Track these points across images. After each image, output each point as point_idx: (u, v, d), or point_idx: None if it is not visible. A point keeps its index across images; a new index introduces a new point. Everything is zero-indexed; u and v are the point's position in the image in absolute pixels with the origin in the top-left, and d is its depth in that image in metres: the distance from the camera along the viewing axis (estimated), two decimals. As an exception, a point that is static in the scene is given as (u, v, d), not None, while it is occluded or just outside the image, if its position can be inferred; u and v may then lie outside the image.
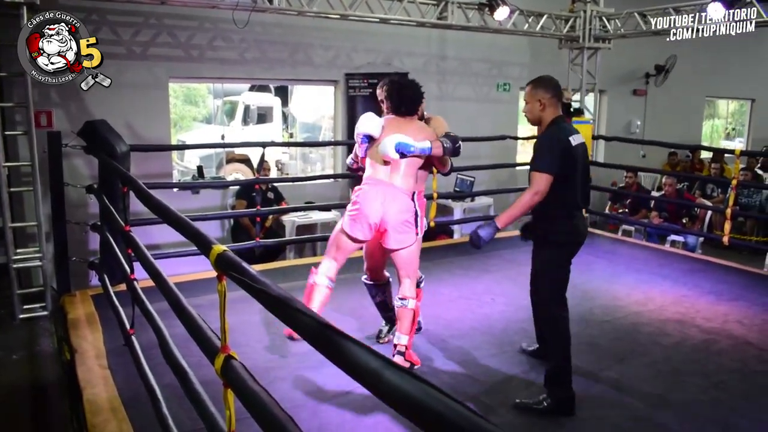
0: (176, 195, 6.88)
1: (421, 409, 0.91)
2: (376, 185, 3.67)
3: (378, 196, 3.63)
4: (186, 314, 2.14)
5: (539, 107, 3.42)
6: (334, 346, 1.10)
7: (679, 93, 11.46)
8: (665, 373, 3.90)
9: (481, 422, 0.85)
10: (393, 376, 0.96)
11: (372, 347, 1.08)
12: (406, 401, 0.92)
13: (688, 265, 6.33)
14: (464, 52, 8.86)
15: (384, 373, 0.97)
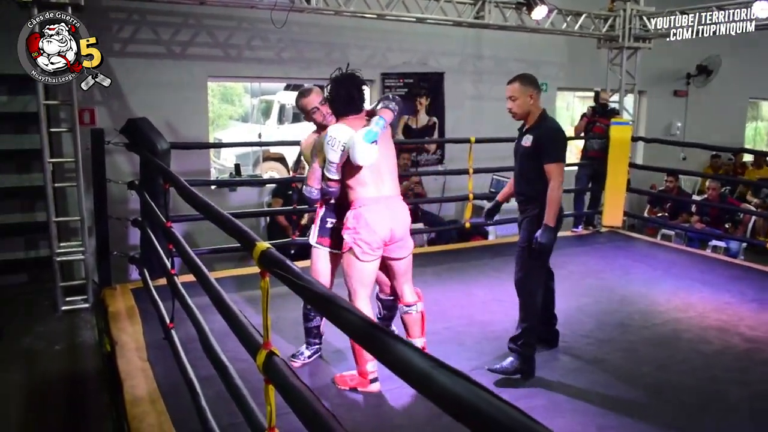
0: (214, 192, 6.97)
1: (472, 411, 0.90)
2: (376, 203, 3.36)
3: (384, 215, 3.36)
4: (228, 310, 2.17)
5: (530, 102, 3.74)
6: (383, 345, 1.10)
7: (722, 94, 11.20)
8: (705, 381, 3.81)
9: (531, 424, 0.85)
10: (443, 378, 0.95)
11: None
12: (456, 403, 0.91)
13: (731, 271, 6.18)
14: (500, 52, 8.79)
15: (434, 374, 0.97)
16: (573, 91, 10.69)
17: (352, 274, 3.40)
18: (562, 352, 4.11)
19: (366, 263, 3.36)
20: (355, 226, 3.33)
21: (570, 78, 9.63)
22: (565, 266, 6.10)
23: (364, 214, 3.32)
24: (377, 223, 3.31)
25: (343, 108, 3.42)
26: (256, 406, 2.12)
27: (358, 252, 3.33)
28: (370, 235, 3.31)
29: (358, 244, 3.32)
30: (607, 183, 7.28)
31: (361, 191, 3.35)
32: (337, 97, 3.42)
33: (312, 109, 3.56)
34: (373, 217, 3.32)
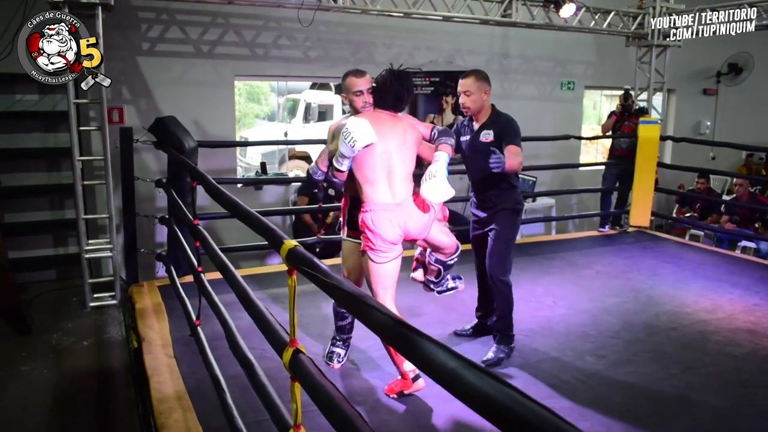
0: (240, 190, 7.02)
1: (502, 410, 0.90)
2: (385, 209, 3.26)
3: (393, 219, 3.26)
4: (254, 307, 2.18)
5: (484, 98, 3.83)
6: (412, 344, 1.10)
7: (752, 92, 10.98)
8: (735, 384, 3.74)
9: (562, 424, 0.84)
10: (472, 377, 0.95)
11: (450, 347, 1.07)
12: (485, 402, 0.91)
13: (761, 272, 6.06)
14: (527, 50, 8.73)
15: (463, 373, 0.96)
16: (601, 89, 10.57)
17: (373, 277, 3.34)
18: (588, 352, 4.07)
19: (382, 264, 3.29)
20: (365, 229, 3.28)
21: (598, 76, 9.52)
22: (592, 266, 6.05)
23: (373, 219, 3.24)
24: (386, 228, 3.23)
25: (386, 101, 3.36)
26: (282, 404, 2.13)
27: (372, 255, 3.27)
28: (380, 238, 3.25)
29: (370, 246, 3.27)
30: (634, 182, 7.20)
31: (372, 193, 3.27)
32: (385, 88, 3.34)
33: (357, 91, 3.36)
34: (382, 223, 3.23)
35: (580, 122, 9.60)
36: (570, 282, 5.54)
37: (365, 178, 3.28)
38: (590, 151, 10.68)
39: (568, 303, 4.96)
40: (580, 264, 6.13)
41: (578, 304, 4.94)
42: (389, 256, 3.28)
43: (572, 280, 5.58)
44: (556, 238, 7.64)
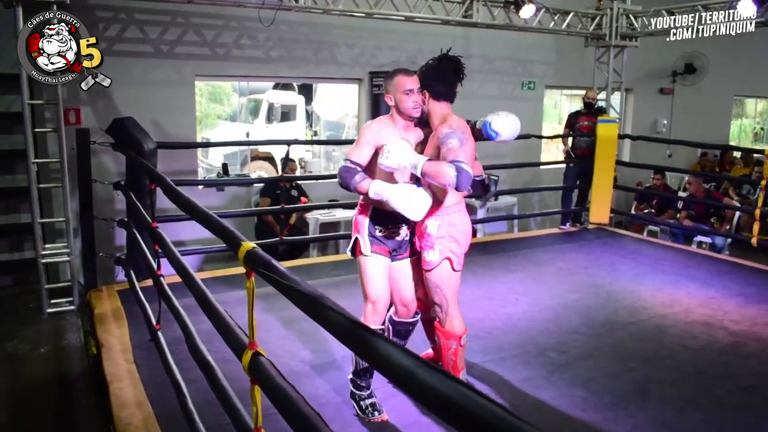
0: (201, 192, 6.94)
1: (454, 408, 0.90)
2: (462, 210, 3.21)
3: (467, 219, 3.24)
4: (213, 310, 2.16)
5: None
6: (367, 344, 1.10)
7: (707, 92, 11.27)
8: (691, 376, 3.84)
9: (515, 422, 0.85)
10: (426, 375, 0.95)
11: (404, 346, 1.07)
12: (439, 400, 0.91)
13: (716, 266, 6.24)
14: (489, 50, 8.81)
15: (417, 372, 0.97)
16: (561, 89, 10.73)
17: (447, 285, 3.18)
18: (550, 348, 4.13)
19: (459, 272, 3.21)
20: (450, 234, 3.12)
21: (558, 76, 9.66)
22: (553, 263, 6.14)
23: (456, 221, 3.13)
24: (466, 230, 3.20)
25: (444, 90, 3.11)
26: (242, 407, 2.12)
27: (456, 263, 3.15)
28: (462, 242, 3.18)
29: (455, 253, 3.14)
30: (594, 180, 7.33)
31: (449, 197, 3.12)
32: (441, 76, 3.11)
33: (407, 90, 3.02)
34: (463, 226, 3.17)
35: (541, 121, 9.73)
36: (532, 279, 5.61)
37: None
38: (552, 150, 10.83)
39: (530, 300, 5.02)
40: (542, 261, 6.22)
41: (540, 300, 5.01)
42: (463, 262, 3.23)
43: (534, 277, 5.66)
44: (519, 236, 7.74)
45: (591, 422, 3.24)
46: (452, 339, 3.22)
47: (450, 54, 3.16)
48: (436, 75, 3.11)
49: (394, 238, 3.21)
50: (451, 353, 3.24)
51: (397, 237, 3.22)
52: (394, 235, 3.21)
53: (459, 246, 3.15)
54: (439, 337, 3.28)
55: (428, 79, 3.11)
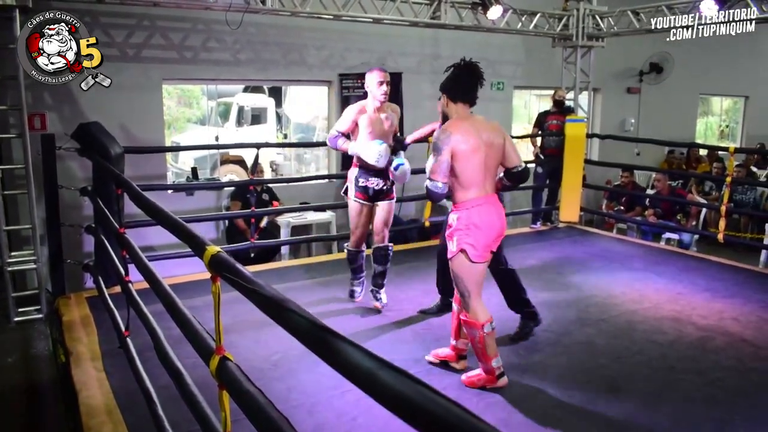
0: (171, 197, 6.86)
1: (415, 409, 0.91)
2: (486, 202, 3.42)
3: (492, 213, 3.43)
4: (181, 315, 2.14)
5: None
6: (328, 346, 1.10)
7: (673, 91, 11.48)
8: (661, 371, 3.90)
9: (474, 421, 0.85)
10: (387, 376, 0.96)
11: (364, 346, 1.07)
12: (400, 401, 0.92)
13: (684, 262, 6.34)
14: (458, 51, 8.73)
15: (378, 373, 0.97)
16: (530, 89, 10.83)
17: (466, 276, 3.41)
18: (521, 346, 4.17)
19: (479, 264, 3.39)
20: (468, 226, 3.35)
21: (526, 77, 9.75)
22: (525, 261, 6.18)
23: (474, 215, 3.35)
24: (487, 223, 3.37)
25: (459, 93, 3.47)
26: (212, 413, 2.10)
27: (473, 254, 3.35)
28: (483, 235, 3.36)
29: (473, 245, 3.34)
30: (563, 179, 7.41)
31: (470, 192, 3.38)
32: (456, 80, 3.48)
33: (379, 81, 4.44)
34: (482, 220, 3.35)
35: (511, 121, 9.80)
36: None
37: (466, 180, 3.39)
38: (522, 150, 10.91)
39: (501, 299, 5.04)
40: (513, 260, 6.17)
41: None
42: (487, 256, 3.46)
43: (506, 276, 5.69)
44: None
45: (562, 418, 3.28)
46: (475, 327, 3.42)
47: (467, 60, 3.51)
48: (452, 79, 3.48)
49: (372, 187, 4.56)
50: (477, 341, 3.44)
51: (375, 186, 4.56)
52: (371, 184, 4.56)
53: (475, 239, 3.34)
54: (465, 326, 3.52)
55: (446, 83, 3.51)
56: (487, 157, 3.40)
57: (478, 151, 3.36)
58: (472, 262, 3.38)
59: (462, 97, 3.47)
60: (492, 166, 3.47)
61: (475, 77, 3.47)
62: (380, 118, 4.51)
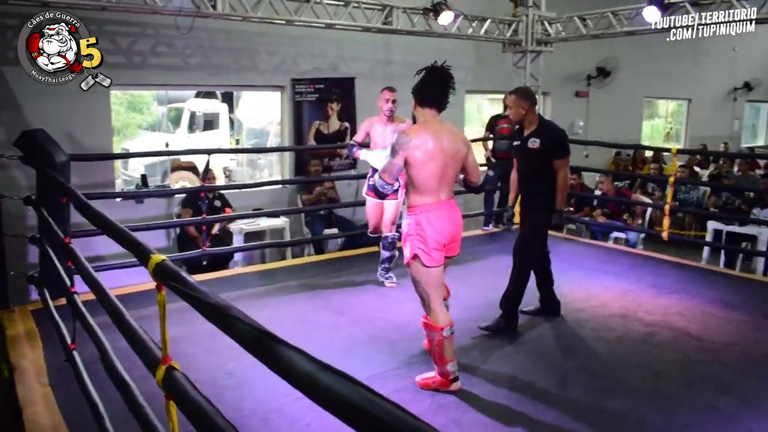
0: (120, 205, 6.72)
1: (355, 411, 0.92)
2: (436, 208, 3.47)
3: (444, 218, 3.48)
4: (126, 326, 2.10)
5: (522, 112, 4.49)
6: (271, 351, 1.10)
7: (619, 94, 11.80)
8: (609, 366, 4.00)
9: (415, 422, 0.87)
10: (328, 379, 0.96)
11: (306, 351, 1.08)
12: (341, 403, 0.93)
13: (631, 260, 6.52)
14: (410, 57, 8.91)
15: (319, 376, 0.98)
16: (482, 93, 10.98)
17: (423, 280, 3.50)
18: (473, 348, 4.22)
19: (433, 268, 3.46)
20: (418, 231, 3.42)
21: (478, 81, 9.88)
22: (477, 263, 6.27)
23: (424, 221, 3.42)
24: (440, 227, 3.43)
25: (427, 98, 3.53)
26: (160, 425, 2.07)
27: (425, 259, 3.42)
28: (434, 240, 3.41)
29: (424, 250, 3.41)
30: (514, 182, 7.51)
31: (423, 198, 3.44)
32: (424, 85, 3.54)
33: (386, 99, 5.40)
34: (436, 223, 3.43)
35: (463, 126, 9.91)
36: (455, 280, 5.66)
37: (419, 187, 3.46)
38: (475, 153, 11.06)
39: (454, 301, 5.03)
40: (466, 262, 6.32)
41: (464, 301, 5.09)
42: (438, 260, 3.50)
43: (458, 278, 5.71)
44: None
45: (513, 416, 3.33)
46: (434, 330, 3.50)
47: (437, 65, 3.57)
48: (420, 84, 3.53)
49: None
50: (436, 344, 3.52)
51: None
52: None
53: (426, 244, 3.41)
54: (425, 328, 3.61)
55: (416, 86, 3.55)
56: (445, 166, 3.43)
57: (434, 160, 3.38)
58: (426, 266, 3.43)
59: (430, 102, 3.51)
60: (450, 175, 3.50)
61: (445, 83, 3.54)
62: (387, 130, 5.31)
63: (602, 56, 11.28)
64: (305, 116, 8.19)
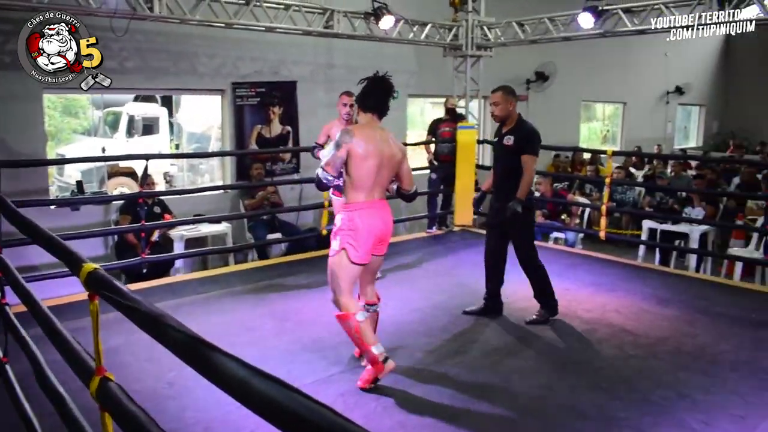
0: (55, 213, 6.51)
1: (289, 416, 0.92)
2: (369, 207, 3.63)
3: (376, 217, 3.63)
4: (59, 337, 2.04)
5: (510, 108, 4.66)
6: (203, 358, 1.10)
7: (557, 97, 12.10)
8: (550, 363, 4.10)
9: (345, 424, 0.88)
10: (260, 384, 0.96)
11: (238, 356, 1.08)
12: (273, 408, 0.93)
13: (570, 260, 6.69)
14: (352, 61, 8.95)
15: (251, 381, 0.98)
16: (423, 97, 11.09)
17: (342, 274, 3.60)
18: (418, 349, 4.25)
19: (357, 266, 3.60)
20: (351, 227, 3.57)
21: (420, 85, 9.98)
22: (421, 266, 6.34)
23: (356, 218, 3.57)
24: (368, 227, 3.57)
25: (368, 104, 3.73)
26: (96, 437, 2.02)
27: (353, 255, 3.56)
28: (364, 238, 3.56)
29: (353, 246, 3.56)
30: (456, 184, 7.62)
31: (358, 195, 3.60)
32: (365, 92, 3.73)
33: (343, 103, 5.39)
34: (364, 223, 3.56)
35: (405, 129, 10.00)
36: (400, 283, 5.76)
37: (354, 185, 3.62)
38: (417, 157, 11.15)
39: (398, 303, 5.14)
40: (410, 264, 6.40)
41: (409, 303, 5.15)
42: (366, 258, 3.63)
43: (402, 281, 5.80)
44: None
45: (458, 415, 3.38)
46: (347, 319, 3.60)
47: (379, 75, 3.76)
48: (363, 92, 3.75)
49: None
50: (354, 331, 3.60)
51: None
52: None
53: (356, 240, 3.56)
54: (339, 321, 3.67)
55: (359, 94, 3.79)
56: (381, 165, 3.61)
57: (372, 158, 3.57)
58: (351, 262, 3.58)
59: (372, 109, 3.74)
60: (384, 177, 3.68)
61: (386, 91, 3.75)
62: None
63: (541, 61, 11.56)
64: (247, 120, 8.11)
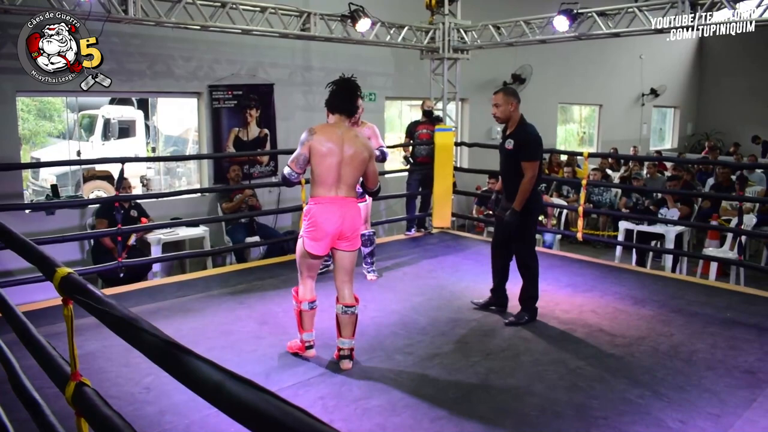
0: (29, 217, 6.42)
1: (263, 419, 0.93)
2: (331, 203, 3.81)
3: (335, 213, 3.80)
4: (34, 343, 2.03)
5: (511, 109, 4.69)
6: (177, 362, 1.10)
7: (534, 100, 12.16)
8: (528, 364, 4.13)
9: (318, 426, 0.89)
10: (233, 387, 0.97)
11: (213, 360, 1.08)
12: (246, 411, 0.93)
13: (548, 261, 6.72)
14: (329, 63, 8.95)
15: (224, 384, 0.98)
16: (401, 100, 11.12)
17: (300, 259, 3.98)
18: (397, 351, 4.26)
19: (311, 254, 3.87)
20: (308, 219, 3.82)
21: (397, 87, 10.01)
22: (400, 268, 6.35)
23: (311, 211, 3.80)
24: (327, 220, 3.77)
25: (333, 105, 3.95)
26: (71, 443, 2.00)
27: (307, 244, 3.84)
28: (319, 231, 3.78)
29: (308, 237, 3.83)
30: (434, 187, 7.66)
31: (320, 190, 3.81)
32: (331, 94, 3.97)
33: None
34: (324, 215, 3.78)
35: (384, 131, 10.02)
36: (379, 285, 5.77)
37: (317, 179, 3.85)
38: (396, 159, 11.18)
39: (377, 306, 5.15)
40: (389, 267, 6.41)
41: (388, 305, 5.16)
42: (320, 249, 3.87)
43: (381, 284, 5.81)
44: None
45: (438, 417, 3.39)
46: (295, 300, 4.06)
47: (345, 77, 3.98)
48: (330, 94, 3.97)
49: None
50: (295, 313, 4.08)
51: None
52: None
53: (311, 232, 3.82)
54: (293, 297, 4.08)
55: (327, 97, 3.99)
56: (342, 163, 3.80)
57: (332, 156, 3.77)
58: (306, 250, 3.87)
59: (338, 109, 3.94)
60: (348, 174, 3.84)
61: (351, 92, 3.94)
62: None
63: (518, 64, 11.65)
64: (224, 123, 8.08)
